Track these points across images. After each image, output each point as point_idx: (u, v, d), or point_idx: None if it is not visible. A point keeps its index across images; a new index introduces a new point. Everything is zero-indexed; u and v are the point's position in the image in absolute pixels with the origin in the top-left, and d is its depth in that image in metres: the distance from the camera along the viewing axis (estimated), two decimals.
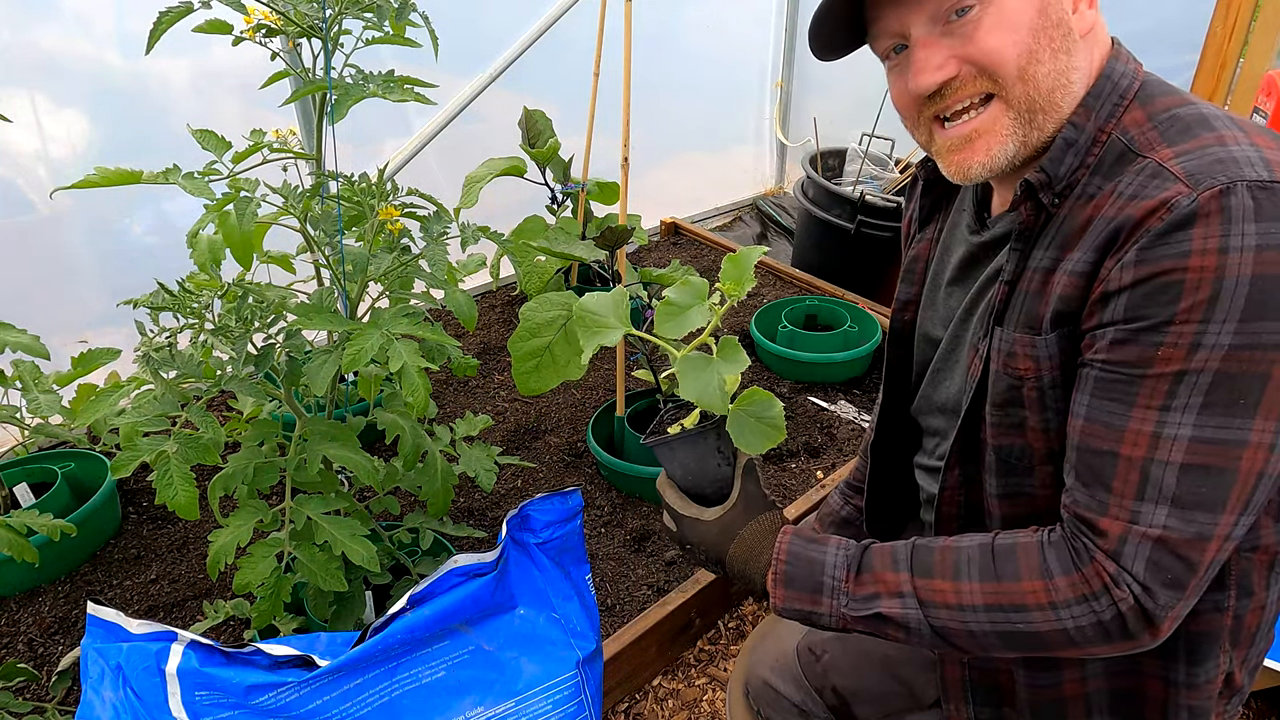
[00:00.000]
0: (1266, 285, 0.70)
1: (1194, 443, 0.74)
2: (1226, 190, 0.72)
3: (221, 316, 1.10)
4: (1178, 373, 0.74)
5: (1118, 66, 0.87)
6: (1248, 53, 2.29)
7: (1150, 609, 0.76)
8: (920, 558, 0.87)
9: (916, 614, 0.85)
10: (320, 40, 1.16)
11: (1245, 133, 0.77)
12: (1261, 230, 0.71)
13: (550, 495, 1.18)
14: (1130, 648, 0.80)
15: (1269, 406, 0.73)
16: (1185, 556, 0.75)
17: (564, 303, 1.76)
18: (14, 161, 1.98)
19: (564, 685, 1.16)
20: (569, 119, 2.44)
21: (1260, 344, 0.71)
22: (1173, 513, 0.75)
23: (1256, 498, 0.76)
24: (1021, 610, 0.80)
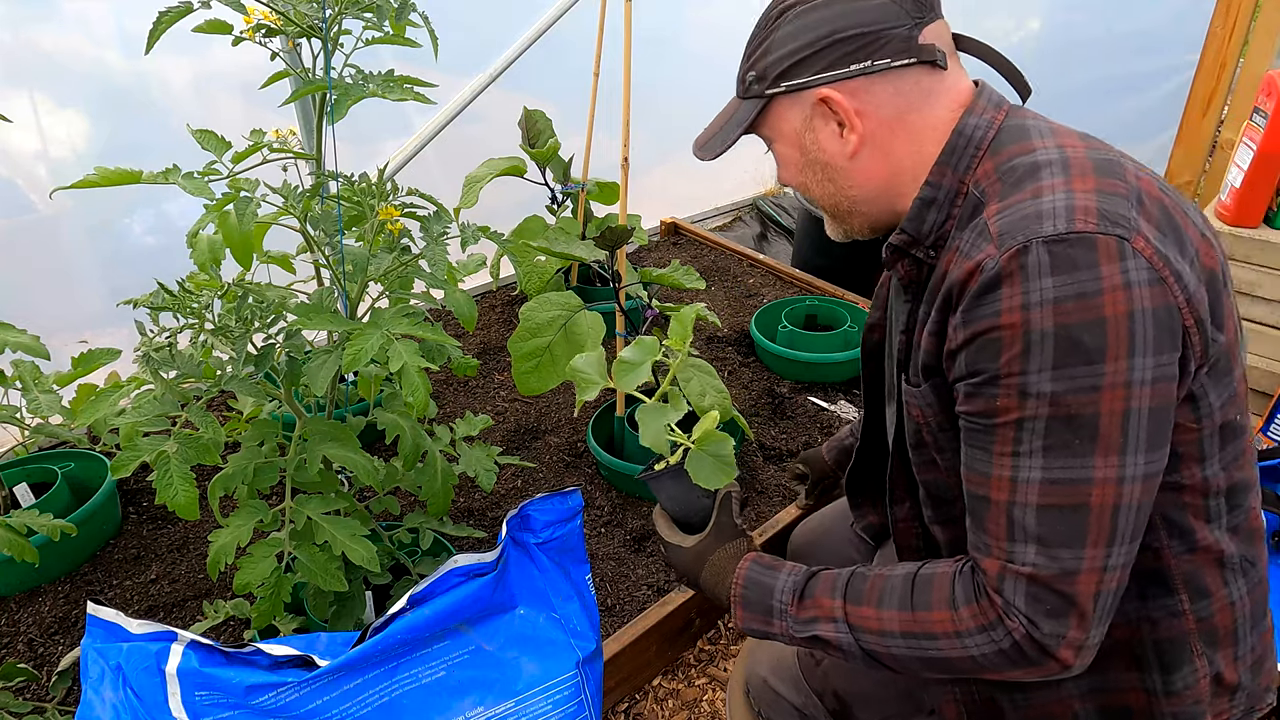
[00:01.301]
0: (1068, 333, 0.76)
1: (1044, 485, 0.79)
2: (1023, 249, 0.78)
3: (221, 316, 1.10)
4: (1018, 420, 0.80)
5: (970, 120, 0.91)
6: (1248, 53, 2.29)
7: (1040, 640, 0.80)
8: (854, 585, 0.93)
9: (848, 637, 0.91)
10: (320, 40, 1.16)
11: (1067, 178, 0.83)
12: (1057, 283, 0.77)
13: (550, 495, 1.18)
14: (1046, 673, 0.83)
15: (1106, 443, 0.78)
16: (1059, 590, 0.79)
17: (564, 303, 1.76)
18: (14, 161, 1.98)
19: (564, 685, 1.16)
20: (569, 119, 2.44)
21: (1077, 387, 0.77)
22: (1039, 551, 0.80)
23: (1121, 528, 0.79)
24: (932, 638, 0.86)
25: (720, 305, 2.82)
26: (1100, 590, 0.80)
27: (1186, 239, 0.82)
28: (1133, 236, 0.78)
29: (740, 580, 1.01)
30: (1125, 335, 0.76)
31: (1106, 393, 0.77)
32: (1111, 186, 0.82)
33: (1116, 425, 0.77)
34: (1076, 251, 0.77)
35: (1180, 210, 0.84)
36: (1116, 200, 0.80)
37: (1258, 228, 2.02)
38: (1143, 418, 0.78)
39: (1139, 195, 0.82)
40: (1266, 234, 1.99)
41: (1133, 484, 0.79)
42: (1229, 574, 0.91)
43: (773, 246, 3.59)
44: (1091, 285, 0.76)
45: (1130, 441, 0.78)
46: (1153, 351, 0.77)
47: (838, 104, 0.91)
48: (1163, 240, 0.80)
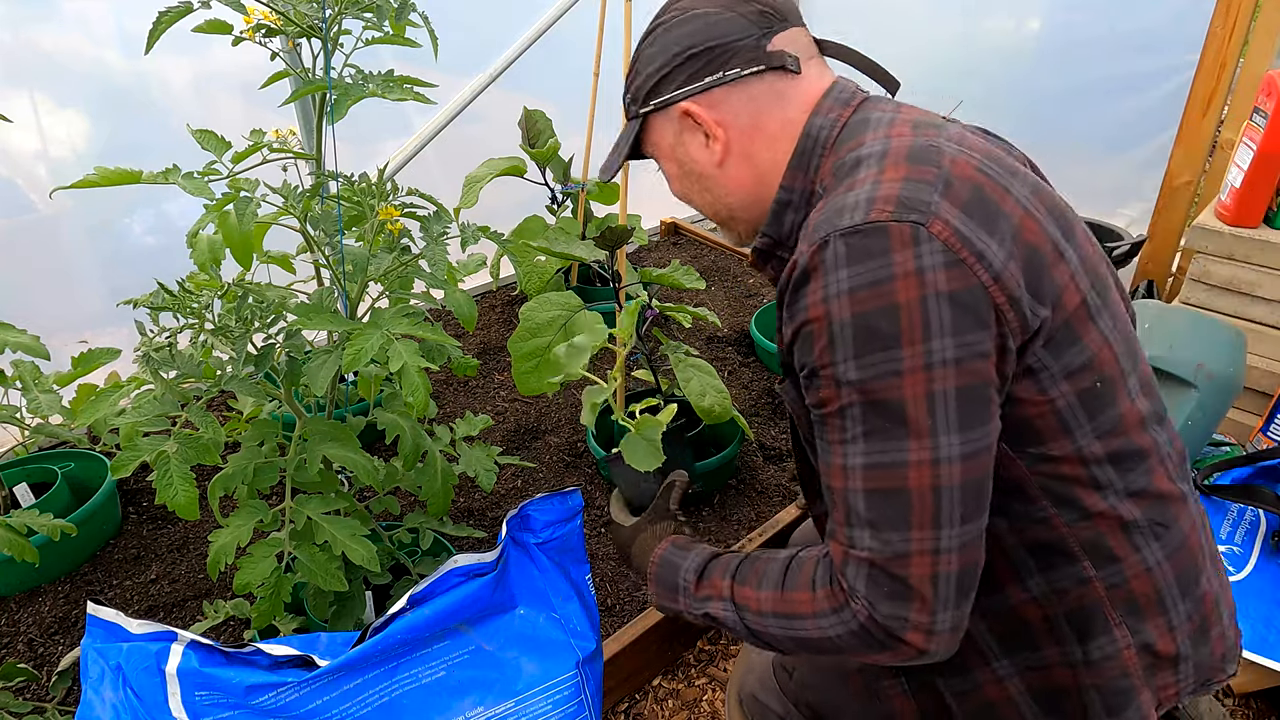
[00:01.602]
0: (864, 321, 0.79)
1: (866, 470, 0.81)
2: (823, 244, 0.81)
3: (221, 316, 1.10)
4: (839, 409, 0.82)
5: (816, 120, 0.95)
6: (1248, 53, 2.29)
7: (883, 622, 0.81)
8: (743, 567, 0.96)
9: (734, 616, 0.94)
10: (320, 40, 1.16)
11: (880, 169, 0.85)
12: (850, 274, 0.79)
13: (550, 495, 1.18)
14: (903, 657, 0.84)
15: (915, 426, 0.79)
16: (893, 574, 0.80)
17: (564, 303, 1.76)
18: (14, 161, 1.98)
19: (564, 685, 1.16)
20: (569, 119, 2.44)
21: (879, 373, 0.79)
22: (872, 535, 0.81)
23: (947, 509, 0.79)
24: (799, 618, 0.88)
25: (720, 305, 2.82)
26: (938, 573, 0.80)
27: (1003, 217, 0.83)
28: (929, 221, 0.79)
29: (656, 559, 1.06)
30: (919, 319, 0.78)
31: (908, 377, 0.78)
32: (919, 173, 0.83)
33: (923, 408, 0.79)
34: (870, 241, 0.79)
35: (1001, 189, 0.85)
36: (920, 186, 0.82)
37: (1258, 228, 2.02)
38: (949, 399, 0.79)
39: (948, 179, 0.83)
40: (1266, 234, 1.99)
41: (949, 464, 0.79)
42: (1138, 539, 0.90)
43: None
44: (883, 272, 0.78)
45: (940, 423, 0.79)
46: (952, 333, 0.78)
47: (698, 115, 0.97)
48: (966, 221, 0.80)
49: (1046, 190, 0.91)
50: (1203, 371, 1.80)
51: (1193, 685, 0.95)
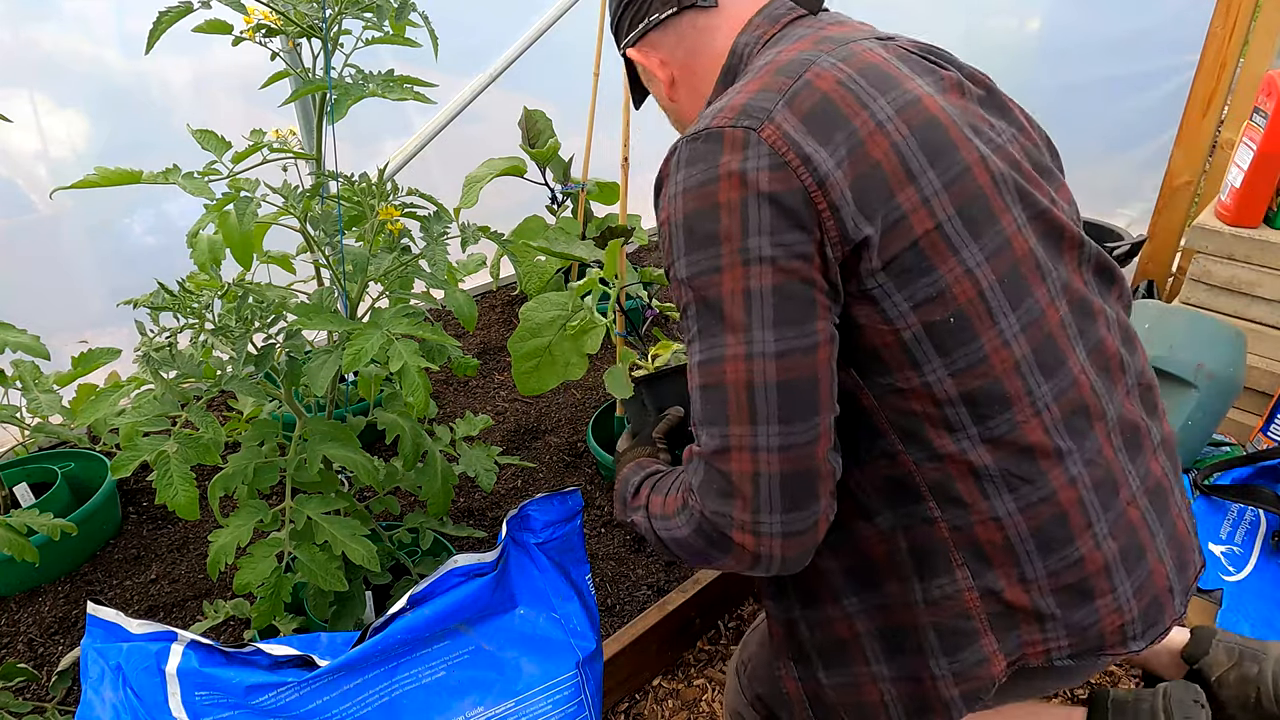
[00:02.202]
0: (692, 220, 0.83)
1: (700, 367, 0.84)
2: (673, 151, 0.87)
3: (221, 316, 1.10)
4: (683, 309, 0.86)
5: (742, 39, 1.00)
6: (1248, 53, 2.29)
7: (712, 518, 0.83)
8: (658, 482, 0.99)
9: (646, 522, 0.97)
10: (320, 40, 1.16)
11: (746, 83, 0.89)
12: (685, 175, 0.84)
13: (550, 495, 1.19)
14: (741, 561, 0.85)
15: (731, 321, 0.81)
16: (717, 469, 0.83)
17: (564, 303, 1.76)
18: (14, 161, 1.98)
19: (564, 685, 1.16)
20: (569, 119, 2.44)
21: (702, 270, 0.83)
22: (704, 431, 0.84)
23: (761, 406, 0.81)
24: (665, 518, 0.92)
25: None
26: (758, 471, 0.81)
27: (846, 129, 0.84)
28: (760, 126, 0.82)
29: (620, 477, 1.10)
30: (739, 218, 0.81)
31: (726, 273, 0.81)
32: (773, 84, 0.86)
33: (739, 304, 0.81)
34: (706, 145, 0.84)
35: (857, 103, 0.85)
36: (765, 96, 0.85)
37: (1258, 228, 2.02)
38: (765, 295, 0.80)
39: (798, 90, 0.85)
40: (1266, 234, 1.99)
41: (763, 360, 0.80)
42: (988, 487, 0.87)
43: None
44: (710, 173, 0.82)
45: (755, 318, 0.80)
46: (769, 231, 0.80)
47: (640, 60, 1.08)
48: (799, 128, 0.82)
49: (926, 110, 0.88)
50: (1203, 371, 1.80)
51: (1070, 649, 0.91)
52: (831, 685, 1.00)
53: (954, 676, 0.91)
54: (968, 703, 0.92)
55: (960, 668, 0.91)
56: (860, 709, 0.99)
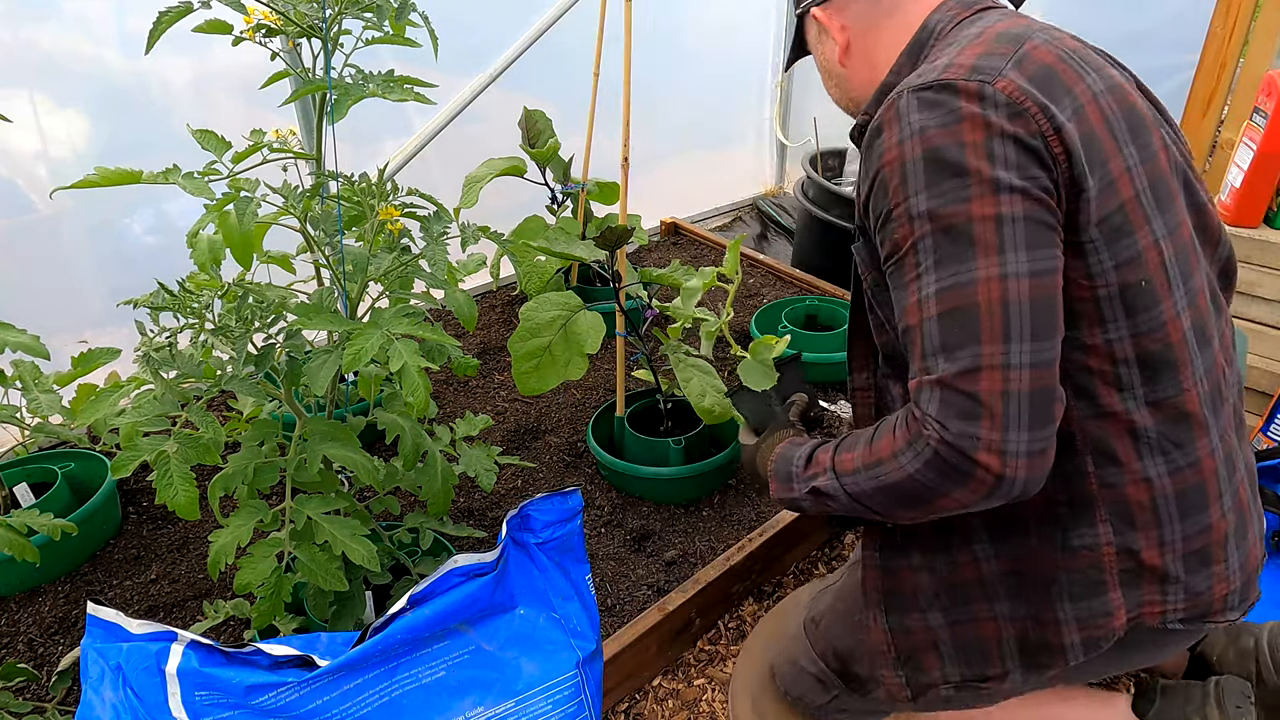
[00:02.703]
0: (934, 155, 0.86)
1: (939, 295, 0.86)
2: (897, 98, 0.91)
3: (221, 316, 1.10)
4: (913, 244, 0.88)
5: (934, 16, 1.05)
6: (1248, 53, 2.29)
7: (954, 441, 0.84)
8: (843, 442, 1.02)
9: (834, 483, 0.98)
10: (320, 40, 1.16)
11: (963, 48, 0.94)
12: (921, 118, 0.88)
13: (550, 495, 1.18)
14: (983, 488, 0.85)
15: (983, 245, 0.84)
16: (963, 390, 0.84)
17: (564, 303, 1.76)
18: (14, 161, 1.98)
19: (564, 685, 1.16)
20: (569, 119, 2.44)
21: (949, 200, 0.86)
22: (945, 357, 0.85)
23: (1014, 324, 0.83)
24: (880, 464, 0.92)
25: (719, 305, 2.82)
26: (1007, 389, 0.83)
27: (1069, 94, 0.90)
28: (994, 80, 0.87)
29: (773, 457, 1.12)
30: (985, 152, 0.85)
31: (975, 201, 0.85)
32: (997, 49, 0.92)
33: (991, 228, 0.84)
34: (940, 95, 0.88)
35: (1075, 75, 0.93)
36: (992, 58, 0.90)
37: (1258, 228, 2.02)
38: (1016, 221, 0.84)
39: (1023, 56, 0.91)
40: (1266, 234, 1.99)
41: (1018, 280, 0.84)
42: (1143, 448, 0.93)
43: (773, 246, 3.59)
44: (953, 116, 0.87)
45: (1007, 241, 0.84)
46: (1016, 167, 0.85)
47: (822, 20, 1.12)
48: (1030, 86, 0.88)
49: (1128, 95, 0.97)
50: None
51: (1183, 612, 0.97)
52: (940, 625, 1.05)
53: (1077, 623, 0.97)
54: (1087, 649, 0.97)
55: (1085, 615, 0.96)
56: (971, 645, 1.04)
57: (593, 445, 2.00)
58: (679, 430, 1.99)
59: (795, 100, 3.63)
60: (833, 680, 1.27)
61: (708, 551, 1.82)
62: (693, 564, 1.79)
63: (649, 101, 2.61)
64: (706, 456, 1.95)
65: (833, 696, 1.29)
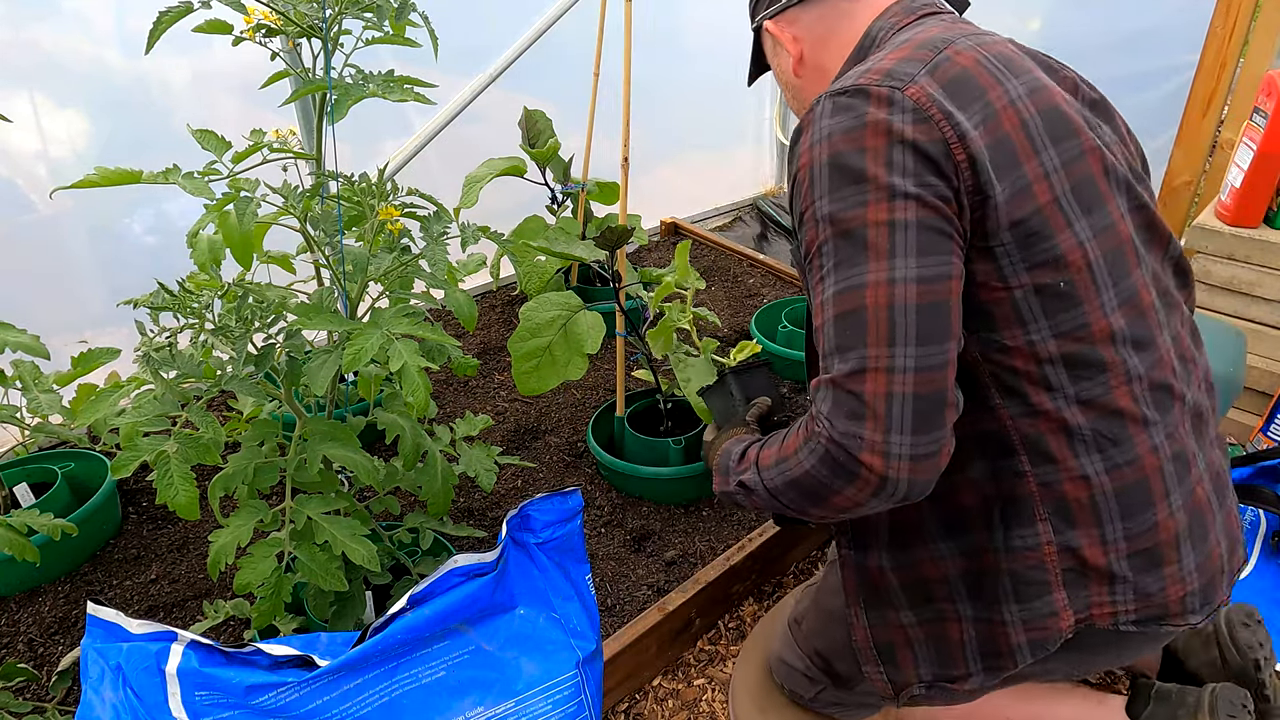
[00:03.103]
0: (837, 159, 0.88)
1: (835, 297, 0.88)
2: (815, 104, 0.93)
3: (221, 316, 1.10)
4: (818, 248, 0.90)
5: (878, 23, 1.07)
6: (1248, 53, 2.29)
7: (841, 441, 0.86)
8: (769, 439, 1.03)
9: (755, 477, 1.00)
10: (320, 40, 1.16)
11: (886, 54, 0.96)
12: (831, 124, 0.90)
13: (550, 495, 1.18)
14: (866, 487, 0.87)
15: (875, 250, 0.86)
16: (850, 390, 0.86)
17: (564, 303, 1.76)
18: (14, 161, 1.98)
19: (564, 685, 1.16)
20: (569, 119, 2.44)
21: (847, 205, 0.88)
22: (837, 357, 0.88)
23: (900, 328, 0.85)
24: (786, 459, 0.94)
25: (720, 305, 2.82)
26: (890, 392, 0.84)
27: (982, 100, 0.92)
28: (905, 86, 0.89)
29: (719, 452, 1.14)
30: (884, 159, 0.87)
31: (871, 206, 0.86)
32: (915, 55, 0.94)
33: (883, 232, 0.86)
34: (852, 100, 0.90)
35: (993, 80, 0.94)
36: (909, 64, 0.92)
37: (1258, 228, 2.02)
38: (909, 227, 0.86)
39: (939, 62, 0.93)
40: (1266, 234, 1.99)
41: (905, 285, 0.85)
42: (1079, 445, 0.94)
43: (773, 246, 3.59)
44: (857, 121, 0.88)
45: (898, 246, 0.86)
46: (912, 174, 0.86)
47: (775, 33, 1.15)
48: (942, 92, 0.90)
49: (1053, 98, 0.97)
50: None
51: (1135, 614, 0.97)
52: (912, 624, 1.07)
53: (1023, 624, 0.98)
54: (1034, 650, 0.98)
55: (1029, 615, 0.97)
56: (940, 644, 1.05)
57: (593, 445, 2.00)
58: (679, 430, 1.99)
59: None
60: (819, 676, 1.31)
61: (708, 551, 1.82)
62: (693, 564, 1.79)
63: (649, 101, 2.61)
64: None
65: (820, 689, 1.33)
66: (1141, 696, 1.28)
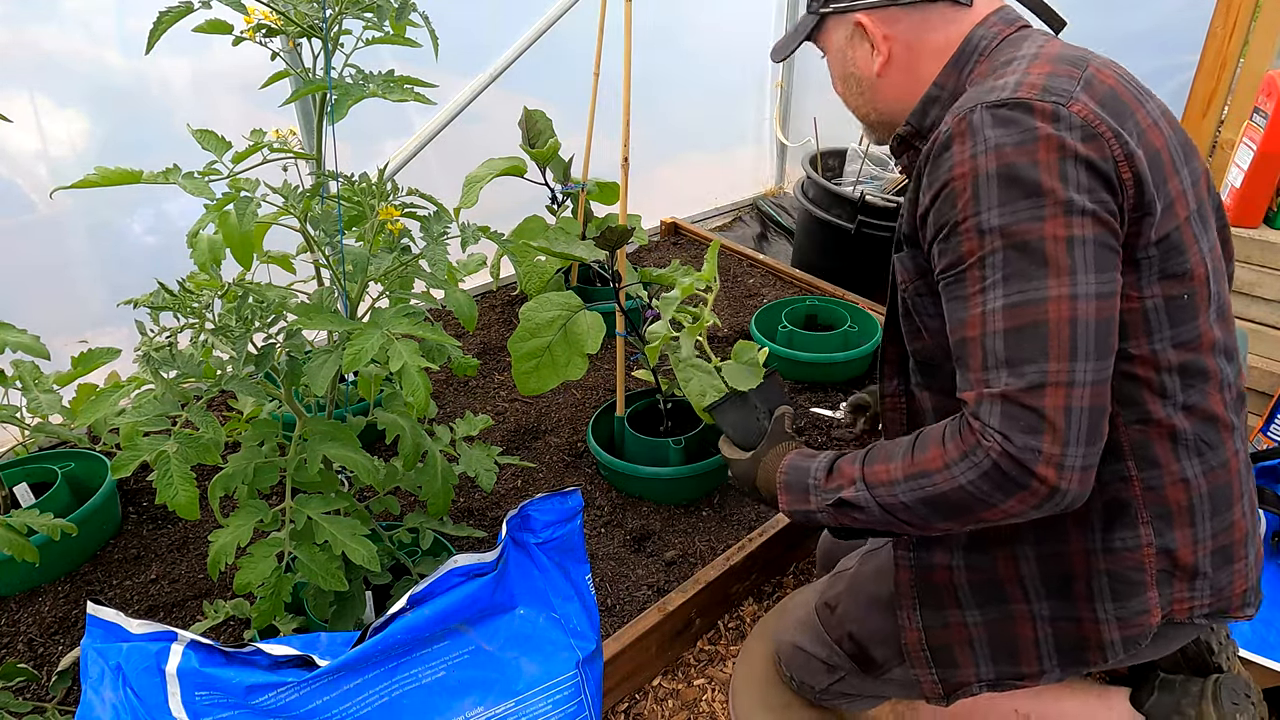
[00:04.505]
0: (1009, 172, 0.87)
1: (1006, 310, 0.88)
2: (970, 112, 0.91)
3: (221, 316, 1.10)
4: (980, 259, 0.89)
5: (979, 32, 1.06)
6: (1248, 53, 2.29)
7: (1015, 454, 0.86)
8: (871, 453, 1.03)
9: (865, 494, 1.00)
10: (320, 40, 1.16)
11: (1027, 65, 0.96)
12: (996, 135, 0.89)
13: (550, 495, 1.18)
14: (1035, 500, 0.88)
15: (1055, 265, 0.86)
16: (1029, 405, 0.86)
17: (564, 303, 1.76)
18: (14, 161, 1.98)
19: (564, 685, 1.16)
20: (569, 119, 2.44)
21: (1022, 217, 0.87)
22: (1009, 371, 0.87)
23: (1081, 343, 0.86)
24: (927, 475, 0.93)
25: (720, 305, 2.82)
26: (1070, 405, 0.85)
27: (1133, 119, 0.93)
28: (1068, 102, 0.89)
29: (784, 469, 1.13)
30: (1058, 173, 0.86)
31: (1049, 221, 0.86)
32: (1064, 71, 0.94)
33: (1062, 248, 0.86)
34: (1015, 112, 0.89)
35: (1135, 100, 0.96)
36: (1062, 80, 0.92)
37: (1258, 228, 2.02)
38: (1087, 244, 0.87)
39: (1089, 79, 0.93)
40: (1266, 234, 1.99)
41: (1086, 301, 0.86)
42: (1181, 450, 0.97)
43: (773, 246, 3.59)
44: (1027, 135, 0.88)
45: (1078, 262, 0.86)
46: (1088, 190, 0.87)
47: (870, 29, 1.10)
48: (1101, 110, 0.90)
49: (1175, 122, 1.02)
50: None
51: (1208, 608, 1.02)
52: (976, 623, 1.08)
53: (1118, 621, 1.00)
54: (1126, 646, 1.01)
55: (1125, 614, 1.00)
56: (1007, 642, 1.07)
57: (593, 445, 2.00)
58: (679, 430, 1.99)
59: (795, 100, 3.63)
60: (843, 663, 1.30)
61: (708, 551, 1.82)
62: (693, 564, 1.79)
63: (649, 102, 2.62)
64: (706, 456, 1.95)
65: (836, 679, 1.33)
66: (1146, 686, 1.29)
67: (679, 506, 1.96)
